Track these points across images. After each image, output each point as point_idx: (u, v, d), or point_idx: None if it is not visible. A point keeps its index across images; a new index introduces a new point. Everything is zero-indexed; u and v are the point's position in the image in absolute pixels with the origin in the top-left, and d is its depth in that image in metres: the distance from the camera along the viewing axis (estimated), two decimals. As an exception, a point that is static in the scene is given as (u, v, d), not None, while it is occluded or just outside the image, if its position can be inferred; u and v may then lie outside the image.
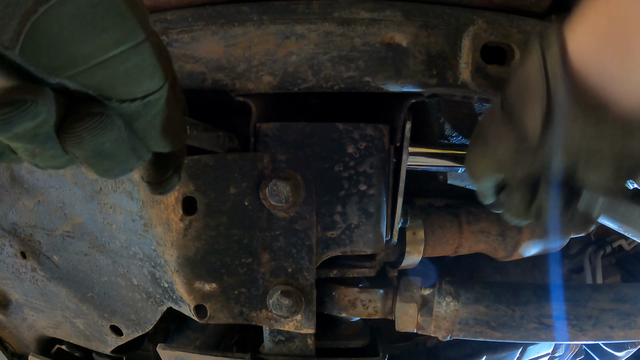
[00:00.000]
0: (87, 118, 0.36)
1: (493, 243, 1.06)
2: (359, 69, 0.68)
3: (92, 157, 0.39)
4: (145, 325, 0.92)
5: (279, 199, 0.71)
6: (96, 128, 0.36)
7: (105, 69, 0.35)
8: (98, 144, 0.37)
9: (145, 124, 0.41)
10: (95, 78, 0.35)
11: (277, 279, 0.77)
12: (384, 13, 0.68)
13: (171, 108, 0.43)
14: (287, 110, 0.84)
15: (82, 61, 0.34)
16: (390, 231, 0.82)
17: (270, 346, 0.86)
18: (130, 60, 0.36)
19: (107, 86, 0.36)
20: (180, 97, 0.50)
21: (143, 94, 0.39)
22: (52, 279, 0.96)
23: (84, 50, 0.33)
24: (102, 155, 0.39)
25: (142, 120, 0.41)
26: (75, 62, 0.33)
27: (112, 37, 0.34)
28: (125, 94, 0.38)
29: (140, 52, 0.37)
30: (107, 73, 0.35)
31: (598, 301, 0.84)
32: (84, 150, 0.37)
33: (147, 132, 0.42)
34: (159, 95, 0.40)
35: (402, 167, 0.77)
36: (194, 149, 0.65)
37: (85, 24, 0.32)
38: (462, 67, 0.70)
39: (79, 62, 0.33)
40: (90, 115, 0.36)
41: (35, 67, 0.32)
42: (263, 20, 0.67)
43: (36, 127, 0.33)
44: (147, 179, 0.51)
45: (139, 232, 0.78)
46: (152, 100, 0.40)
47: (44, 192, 0.88)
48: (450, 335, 0.85)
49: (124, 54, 0.35)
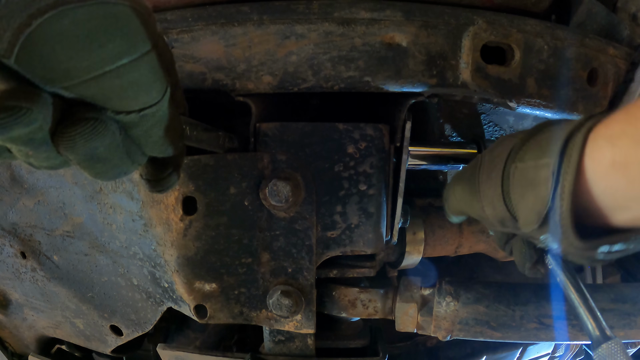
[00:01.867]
0: (81, 123, 0.36)
1: (493, 243, 1.06)
2: (359, 69, 0.68)
3: (85, 161, 0.39)
4: (145, 325, 0.92)
5: (279, 199, 0.71)
6: (89, 133, 0.36)
7: (100, 83, 0.34)
8: (91, 149, 0.37)
9: (141, 132, 0.41)
10: (90, 91, 0.35)
11: (277, 279, 0.77)
12: (384, 13, 0.68)
13: (169, 117, 0.43)
14: (287, 110, 0.84)
15: (77, 75, 0.33)
16: (390, 231, 0.82)
17: (270, 346, 0.86)
18: (126, 75, 0.36)
19: (102, 98, 0.36)
20: (181, 99, 0.50)
21: (139, 108, 0.39)
22: (52, 279, 0.96)
23: (78, 65, 0.33)
24: (95, 159, 0.39)
25: (138, 129, 0.40)
26: (69, 75, 0.33)
27: (110, 52, 0.34)
28: (120, 107, 0.37)
29: (139, 67, 0.36)
30: (102, 87, 0.35)
31: (598, 301, 0.84)
32: (76, 154, 0.37)
33: (142, 140, 0.42)
34: (156, 108, 0.40)
35: (402, 167, 0.77)
36: (194, 149, 0.65)
37: (82, 39, 0.32)
38: (462, 67, 0.70)
39: (73, 76, 0.33)
40: (84, 120, 0.36)
41: (31, 76, 0.32)
42: (263, 20, 0.67)
43: (30, 133, 0.33)
44: (146, 177, 0.51)
45: (139, 232, 0.78)
46: (149, 114, 0.40)
47: (44, 192, 0.88)
48: (450, 335, 0.85)
49: (120, 69, 0.35)
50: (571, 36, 0.75)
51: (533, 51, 0.72)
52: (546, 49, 0.73)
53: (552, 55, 0.73)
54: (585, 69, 0.76)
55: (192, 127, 0.59)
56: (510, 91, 0.72)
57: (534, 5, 0.77)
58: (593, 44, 0.77)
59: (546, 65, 0.73)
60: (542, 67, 0.73)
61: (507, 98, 0.72)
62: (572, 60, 0.74)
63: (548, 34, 0.73)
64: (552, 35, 0.74)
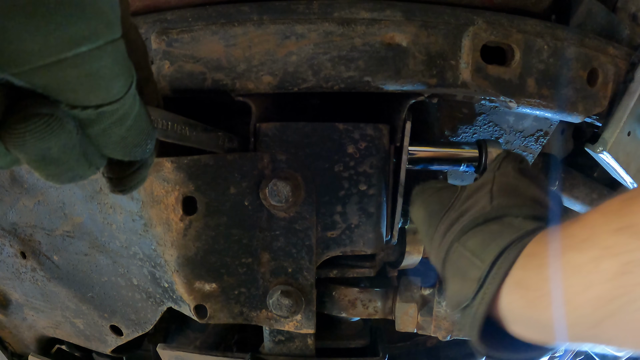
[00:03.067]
0: (33, 119, 0.31)
1: (493, 243, 1.06)
2: (359, 69, 0.68)
3: (36, 161, 0.34)
4: (145, 325, 0.92)
5: (279, 199, 0.71)
6: (42, 131, 0.31)
7: (54, 71, 0.30)
8: (43, 149, 0.32)
9: (99, 131, 0.36)
10: (41, 80, 0.30)
11: (277, 279, 0.77)
12: (384, 13, 0.68)
13: (134, 117, 0.38)
14: (287, 110, 0.84)
15: (27, 60, 0.29)
16: (390, 231, 0.82)
17: (270, 346, 0.86)
18: (85, 65, 0.31)
19: (55, 89, 0.31)
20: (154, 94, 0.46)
21: (97, 104, 0.34)
22: (52, 279, 0.96)
23: (30, 48, 0.28)
24: (47, 160, 0.34)
25: (95, 128, 0.36)
26: (18, 60, 0.29)
27: (68, 36, 0.29)
28: (75, 100, 0.33)
29: (101, 57, 0.31)
30: (57, 77, 0.30)
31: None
32: (26, 153, 0.32)
33: (101, 140, 0.37)
34: (117, 106, 0.35)
35: (402, 167, 0.77)
36: (194, 149, 0.65)
37: (37, 17, 0.27)
38: (462, 67, 0.70)
39: (21, 61, 0.29)
40: (36, 116, 0.31)
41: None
42: (263, 20, 0.67)
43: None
44: (107, 174, 0.45)
45: (139, 232, 0.78)
46: (108, 111, 0.35)
47: (44, 192, 0.88)
48: (450, 335, 0.85)
49: (78, 57, 0.30)
50: (571, 36, 0.75)
51: (533, 51, 0.72)
52: (546, 49, 0.73)
53: (552, 55, 0.73)
54: (585, 69, 0.76)
55: (192, 127, 0.59)
56: (510, 91, 0.72)
57: (534, 5, 0.77)
58: (593, 44, 0.77)
59: (546, 65, 0.73)
60: (542, 67, 0.73)
61: (507, 98, 0.72)
62: (572, 60, 0.74)
63: (548, 34, 0.73)
64: (552, 35, 0.74)
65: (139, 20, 0.71)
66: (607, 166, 0.85)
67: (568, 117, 0.78)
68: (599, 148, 0.80)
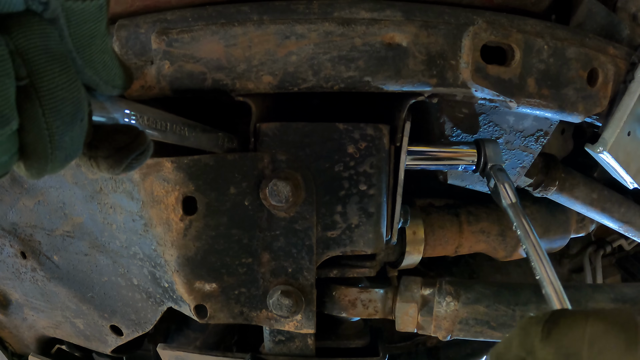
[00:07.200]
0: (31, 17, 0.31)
1: (493, 243, 1.06)
2: (359, 69, 0.68)
3: (39, 56, 0.32)
4: (146, 325, 0.92)
5: (279, 199, 0.71)
6: (39, 22, 0.31)
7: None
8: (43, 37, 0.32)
9: (79, 31, 0.35)
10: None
11: (277, 279, 0.77)
12: (384, 13, 0.68)
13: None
14: (287, 110, 0.84)
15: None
16: (390, 231, 0.82)
17: (270, 346, 0.86)
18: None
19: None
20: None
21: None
22: (52, 279, 0.96)
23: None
24: (50, 54, 0.33)
25: (76, 28, 0.35)
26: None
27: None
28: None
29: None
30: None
31: (598, 301, 0.84)
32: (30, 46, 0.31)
33: (84, 41, 0.36)
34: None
35: (401, 167, 0.77)
36: (194, 149, 0.65)
37: None
38: (462, 67, 0.70)
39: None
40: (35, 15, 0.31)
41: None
42: (263, 20, 0.67)
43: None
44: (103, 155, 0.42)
45: (139, 232, 0.78)
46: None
47: (44, 192, 0.88)
48: (450, 335, 0.85)
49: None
50: (571, 36, 0.75)
51: (533, 51, 0.72)
52: (546, 49, 0.73)
53: (552, 55, 0.73)
54: (586, 69, 0.76)
55: (191, 128, 0.59)
56: (510, 91, 0.72)
57: (534, 5, 0.77)
58: (593, 44, 0.77)
59: (546, 65, 0.73)
60: (542, 67, 0.73)
61: (507, 98, 0.72)
62: (572, 60, 0.74)
63: (548, 34, 0.73)
64: (552, 35, 0.74)
65: (139, 20, 0.71)
66: (607, 166, 0.85)
67: (568, 117, 0.78)
68: (599, 148, 0.80)
